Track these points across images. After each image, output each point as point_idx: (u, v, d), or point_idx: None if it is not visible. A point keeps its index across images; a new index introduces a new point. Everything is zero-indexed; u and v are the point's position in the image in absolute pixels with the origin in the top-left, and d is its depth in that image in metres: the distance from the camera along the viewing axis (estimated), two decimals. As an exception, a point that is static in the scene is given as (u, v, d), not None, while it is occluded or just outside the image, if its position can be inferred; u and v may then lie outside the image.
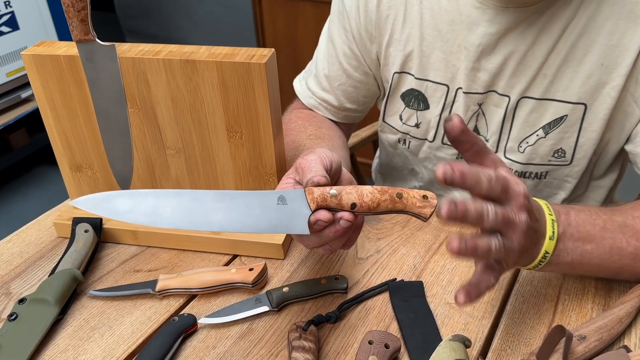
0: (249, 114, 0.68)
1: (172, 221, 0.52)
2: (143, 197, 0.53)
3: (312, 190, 0.53)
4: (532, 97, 0.78)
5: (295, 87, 0.96)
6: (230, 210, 0.52)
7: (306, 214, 0.52)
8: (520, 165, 0.83)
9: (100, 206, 0.53)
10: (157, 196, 0.53)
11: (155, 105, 0.70)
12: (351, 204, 0.52)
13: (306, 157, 0.56)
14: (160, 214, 0.52)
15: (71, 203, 0.54)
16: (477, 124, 0.84)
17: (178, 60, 0.66)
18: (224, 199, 0.53)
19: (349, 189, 0.53)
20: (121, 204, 0.52)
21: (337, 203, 0.52)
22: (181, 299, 0.69)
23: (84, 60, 0.67)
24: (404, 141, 0.92)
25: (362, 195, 0.52)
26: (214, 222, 0.52)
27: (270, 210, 0.53)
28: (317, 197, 0.52)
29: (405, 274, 0.71)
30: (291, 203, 0.53)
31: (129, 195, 0.53)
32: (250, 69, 0.64)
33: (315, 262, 0.74)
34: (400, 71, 0.85)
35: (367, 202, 0.52)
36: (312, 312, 0.66)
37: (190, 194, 0.53)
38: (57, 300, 0.66)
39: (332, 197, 0.52)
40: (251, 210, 0.53)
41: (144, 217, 0.52)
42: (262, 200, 0.53)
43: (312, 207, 0.52)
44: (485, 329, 0.64)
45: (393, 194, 0.53)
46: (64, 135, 0.75)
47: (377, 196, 0.52)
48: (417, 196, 0.53)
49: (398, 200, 0.53)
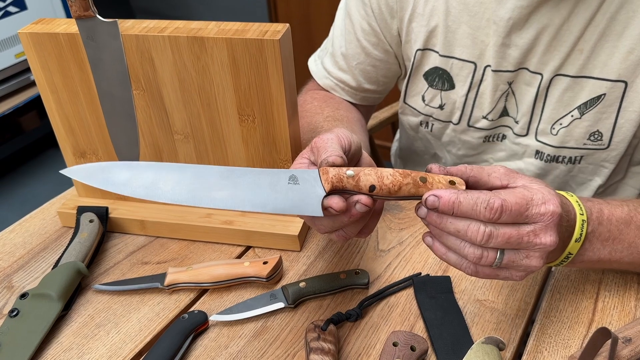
0: (262, 95, 0.63)
1: (173, 195, 0.47)
2: (142, 169, 0.48)
3: (327, 170, 0.48)
4: (567, 75, 0.72)
5: (310, 66, 0.91)
6: (236, 188, 0.47)
7: (320, 194, 0.47)
8: (553, 149, 0.77)
9: (95, 176, 0.48)
10: (158, 169, 0.48)
11: (162, 86, 0.65)
12: (370, 186, 0.47)
13: (322, 136, 0.51)
14: (160, 188, 0.47)
15: (62, 172, 0.49)
16: (506, 104, 0.78)
17: (185, 37, 0.61)
18: (231, 175, 0.48)
19: (367, 170, 0.48)
20: (118, 175, 0.47)
21: (354, 185, 0.47)
22: (191, 294, 0.65)
23: (85, 39, 0.63)
24: (426, 124, 0.86)
25: (381, 177, 0.47)
26: (218, 199, 0.47)
27: (280, 190, 0.48)
28: (332, 178, 0.47)
29: (430, 268, 0.66)
30: (304, 183, 0.48)
31: (127, 166, 0.48)
32: (263, 46, 0.59)
33: (334, 254, 0.69)
34: (424, 48, 0.79)
35: (387, 185, 0.47)
36: (330, 309, 0.62)
37: (194, 168, 0.48)
38: (60, 295, 0.62)
39: (348, 178, 0.47)
40: (259, 189, 0.48)
41: (142, 189, 0.47)
42: (271, 179, 0.48)
43: (326, 188, 0.47)
44: (519, 329, 0.59)
45: (416, 177, 0.48)
46: (66, 120, 0.71)
47: (399, 179, 0.47)
48: (443, 181, 0.48)
49: (422, 185, 0.47)
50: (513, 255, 0.48)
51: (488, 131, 0.81)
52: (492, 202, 0.45)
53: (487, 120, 0.79)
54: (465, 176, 0.50)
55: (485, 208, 0.45)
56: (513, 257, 0.48)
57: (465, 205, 0.45)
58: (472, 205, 0.45)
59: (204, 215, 0.72)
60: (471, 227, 0.46)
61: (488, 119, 0.79)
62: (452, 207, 0.46)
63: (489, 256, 0.47)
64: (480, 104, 0.79)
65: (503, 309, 0.61)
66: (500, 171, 0.50)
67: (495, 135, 0.82)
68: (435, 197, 0.46)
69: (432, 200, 0.46)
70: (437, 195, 0.46)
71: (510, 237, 0.46)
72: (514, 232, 0.46)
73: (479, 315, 0.60)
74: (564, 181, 0.81)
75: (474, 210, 0.45)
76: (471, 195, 0.46)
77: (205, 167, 0.49)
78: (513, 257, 0.48)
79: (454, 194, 0.46)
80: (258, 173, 0.49)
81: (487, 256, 0.47)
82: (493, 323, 0.60)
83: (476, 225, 0.46)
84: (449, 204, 0.46)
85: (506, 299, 0.62)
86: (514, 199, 0.46)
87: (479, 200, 0.45)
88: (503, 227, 0.46)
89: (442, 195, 0.46)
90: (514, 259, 0.48)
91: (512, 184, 0.50)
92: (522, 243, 0.47)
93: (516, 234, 0.46)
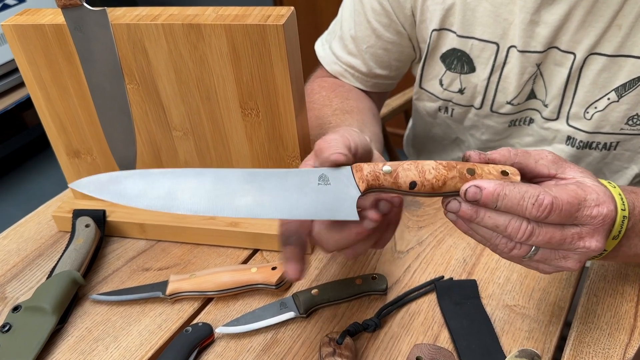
0: (266, 86, 0.57)
1: (192, 205, 0.42)
2: (157, 177, 0.43)
3: (360, 167, 0.42)
4: (603, 54, 0.65)
5: (318, 51, 0.85)
6: (261, 192, 0.42)
7: (354, 195, 0.42)
8: (586, 135, 0.71)
9: (107, 189, 0.43)
10: (174, 176, 0.43)
11: (157, 79, 0.60)
12: (410, 182, 0.42)
13: (326, 137, 0.46)
14: (178, 198, 0.42)
15: (70, 186, 0.45)
16: (534, 87, 0.72)
17: (180, 25, 0.56)
18: (255, 179, 0.43)
19: (406, 165, 0.42)
20: (131, 187, 0.42)
21: (392, 182, 0.42)
22: (195, 303, 0.60)
23: (72, 29, 0.58)
24: (445, 109, 0.80)
25: (423, 171, 0.42)
26: (242, 207, 0.42)
27: (309, 192, 0.42)
28: (367, 175, 0.42)
29: (454, 271, 0.61)
30: (335, 183, 0.43)
31: (140, 175, 0.43)
32: (265, 33, 0.53)
33: (348, 257, 0.64)
34: (440, 28, 0.73)
35: (430, 181, 0.41)
36: (346, 318, 0.57)
37: (214, 173, 0.43)
38: (55, 307, 0.58)
39: (385, 174, 0.42)
40: (287, 192, 0.42)
41: (158, 201, 0.42)
42: (299, 180, 0.43)
43: (361, 188, 0.42)
44: (554, 337, 0.54)
45: (463, 169, 0.42)
46: (57, 118, 0.66)
47: (443, 172, 0.42)
48: (493, 172, 0.42)
49: (469, 178, 0.42)
50: (548, 254, 0.43)
51: (513, 115, 0.75)
52: (542, 198, 0.40)
53: (512, 105, 0.73)
54: (509, 162, 0.44)
55: (532, 204, 0.40)
56: (548, 255, 0.43)
57: (510, 199, 0.40)
58: (518, 199, 0.40)
59: (208, 217, 0.67)
60: (512, 223, 0.41)
61: (513, 104, 0.73)
62: (496, 200, 0.40)
63: (522, 250, 0.42)
64: (504, 88, 0.72)
65: (535, 315, 0.56)
66: (549, 158, 0.45)
67: (521, 119, 0.76)
68: (478, 188, 0.40)
69: (474, 192, 0.40)
70: (480, 186, 0.40)
71: (552, 237, 0.41)
72: (557, 233, 0.41)
73: (509, 323, 0.55)
74: (597, 169, 0.75)
75: (519, 205, 0.40)
76: (518, 188, 0.40)
77: (226, 170, 0.43)
78: (548, 255, 0.43)
79: (500, 185, 0.40)
80: (284, 174, 0.43)
81: (519, 249, 0.42)
82: (525, 331, 0.54)
83: (518, 222, 0.41)
84: (492, 196, 0.40)
85: (538, 304, 0.57)
86: (566, 198, 0.40)
87: (527, 195, 0.40)
88: (547, 226, 0.41)
89: (485, 187, 0.40)
90: (549, 257, 0.43)
91: (561, 174, 0.44)
92: (563, 244, 0.42)
93: (559, 235, 0.41)
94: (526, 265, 0.45)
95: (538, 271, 0.45)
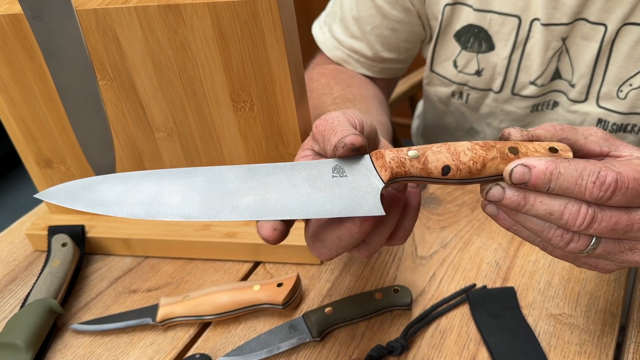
0: (260, 74, 0.49)
1: (182, 210, 0.35)
2: (139, 180, 0.36)
3: (381, 154, 0.35)
4: (639, 24, 0.58)
5: (316, 35, 0.76)
6: (265, 190, 0.35)
7: (377, 186, 0.35)
8: (620, 116, 0.63)
9: (79, 197, 0.35)
10: (159, 178, 0.36)
11: (133, 73, 0.52)
12: (442, 167, 0.34)
13: (326, 117, 0.38)
14: (165, 202, 0.35)
15: (37, 196, 0.37)
16: (558, 65, 0.64)
17: (156, 6, 0.47)
18: (256, 175, 0.36)
19: (435, 147, 0.35)
20: (108, 192, 0.35)
21: (421, 168, 0.34)
22: (191, 330, 0.52)
23: (30, 19, 0.50)
24: (459, 94, 0.72)
25: (457, 153, 0.34)
26: (243, 208, 0.35)
27: (323, 187, 0.35)
28: (390, 162, 0.34)
29: (486, 277, 0.53)
30: (353, 174, 0.35)
31: (119, 179, 0.36)
32: (256, 10, 0.45)
33: (363, 266, 0.56)
34: (454, 2, 0.65)
35: (467, 163, 0.34)
36: (367, 339, 0.49)
37: (207, 171, 0.36)
38: (29, 343, 0.50)
39: (412, 159, 0.34)
40: (295, 188, 0.35)
41: (140, 207, 0.35)
42: (310, 174, 0.35)
43: (384, 177, 0.34)
44: (610, 350, 0.46)
45: (504, 148, 0.34)
46: (23, 123, 0.58)
47: (481, 153, 0.34)
48: (540, 149, 0.34)
49: (512, 158, 0.34)
50: (612, 246, 0.35)
51: (536, 99, 0.67)
52: (604, 175, 0.32)
53: (536, 86, 0.65)
54: (555, 139, 0.36)
55: (593, 183, 0.32)
56: (612, 247, 0.35)
57: (566, 177, 0.32)
58: (575, 178, 0.32)
59: (201, 228, 0.59)
60: (569, 207, 0.33)
61: (537, 85, 0.65)
62: (549, 181, 0.32)
63: (580, 242, 0.34)
64: (526, 66, 0.64)
65: (585, 325, 0.48)
66: (599, 134, 0.37)
67: (545, 103, 0.68)
68: (526, 167, 0.33)
69: (521, 171, 0.33)
70: (528, 165, 0.33)
71: (617, 223, 0.33)
72: (623, 217, 0.33)
73: (555, 336, 0.47)
74: None
75: (577, 185, 0.32)
76: (575, 164, 0.33)
77: (221, 168, 0.36)
78: (612, 247, 0.35)
79: (552, 162, 0.33)
80: (291, 168, 0.36)
81: (577, 242, 0.34)
82: (575, 345, 0.47)
83: (576, 206, 0.33)
84: (545, 175, 0.32)
85: (586, 311, 0.49)
86: (632, 173, 0.33)
87: (586, 172, 0.32)
88: (610, 210, 0.33)
89: (535, 165, 0.32)
90: (613, 249, 0.35)
91: (614, 151, 0.37)
92: (630, 232, 0.34)
93: (626, 219, 0.33)
94: (583, 264, 0.37)
95: (597, 270, 0.38)
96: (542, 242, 0.37)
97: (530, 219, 0.35)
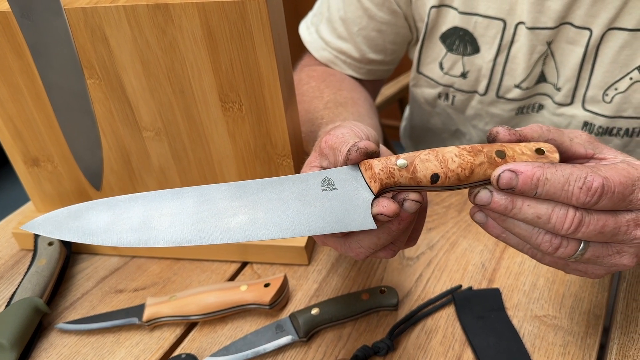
0: (249, 75, 0.49)
1: (173, 235, 0.35)
2: (126, 205, 0.36)
3: (370, 164, 0.35)
4: (624, 28, 0.58)
5: (303, 35, 0.77)
6: (255, 209, 0.35)
7: (367, 199, 0.35)
8: (605, 120, 0.64)
9: (66, 227, 0.36)
10: (147, 201, 0.36)
11: (121, 72, 0.52)
12: (431, 175, 0.34)
13: (334, 132, 0.39)
14: (155, 227, 0.35)
15: (22, 228, 0.37)
16: (543, 69, 0.64)
17: (145, 5, 0.47)
18: (245, 193, 0.36)
19: (424, 155, 0.35)
20: (95, 220, 0.36)
21: (410, 178, 0.34)
22: (177, 329, 0.52)
23: (19, 17, 0.50)
24: (445, 96, 0.73)
25: (445, 160, 0.34)
26: (234, 229, 0.35)
27: (314, 202, 0.35)
28: (379, 173, 0.35)
29: (472, 278, 0.54)
30: (342, 187, 0.35)
31: (106, 205, 0.36)
32: (245, 10, 0.45)
33: (350, 267, 0.56)
34: (439, 5, 0.65)
35: (455, 170, 0.34)
36: (353, 340, 0.49)
37: (195, 191, 0.36)
38: (14, 342, 0.50)
39: (401, 169, 0.34)
40: (285, 204, 0.35)
41: (131, 234, 0.35)
42: (299, 188, 0.36)
43: (374, 189, 0.35)
44: (593, 351, 0.47)
45: (491, 152, 0.35)
46: (10, 121, 0.57)
47: (469, 159, 0.34)
48: (526, 151, 0.35)
49: (500, 162, 0.34)
50: (600, 250, 0.35)
51: (521, 102, 0.68)
52: (591, 180, 0.33)
53: (521, 89, 0.66)
54: (541, 139, 0.37)
55: (580, 188, 0.33)
56: (600, 251, 0.35)
57: (553, 183, 0.33)
58: (562, 183, 0.33)
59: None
60: (557, 211, 0.33)
61: (522, 88, 0.66)
62: (536, 186, 0.33)
63: (569, 247, 0.35)
64: (511, 70, 0.65)
65: (569, 326, 0.49)
66: (583, 137, 0.38)
67: (530, 105, 0.69)
68: (512, 172, 0.33)
69: (508, 177, 0.33)
70: (515, 170, 0.33)
71: (604, 226, 0.34)
72: (610, 220, 0.34)
73: (540, 337, 0.48)
74: None
75: (564, 190, 0.33)
76: (561, 170, 0.33)
77: (209, 187, 0.36)
78: (600, 251, 0.35)
79: (539, 168, 0.33)
80: (279, 183, 0.36)
81: (566, 247, 0.35)
82: (559, 346, 0.47)
83: (563, 210, 0.33)
84: (532, 181, 0.33)
85: (570, 313, 0.50)
86: (618, 177, 0.33)
87: (572, 177, 0.33)
88: (597, 214, 0.34)
89: (522, 170, 0.33)
90: (601, 253, 0.36)
91: (599, 154, 0.37)
92: (617, 235, 0.35)
93: (613, 223, 0.34)
94: (572, 270, 0.38)
95: (587, 276, 0.38)
96: (531, 249, 0.37)
97: (518, 224, 0.35)
